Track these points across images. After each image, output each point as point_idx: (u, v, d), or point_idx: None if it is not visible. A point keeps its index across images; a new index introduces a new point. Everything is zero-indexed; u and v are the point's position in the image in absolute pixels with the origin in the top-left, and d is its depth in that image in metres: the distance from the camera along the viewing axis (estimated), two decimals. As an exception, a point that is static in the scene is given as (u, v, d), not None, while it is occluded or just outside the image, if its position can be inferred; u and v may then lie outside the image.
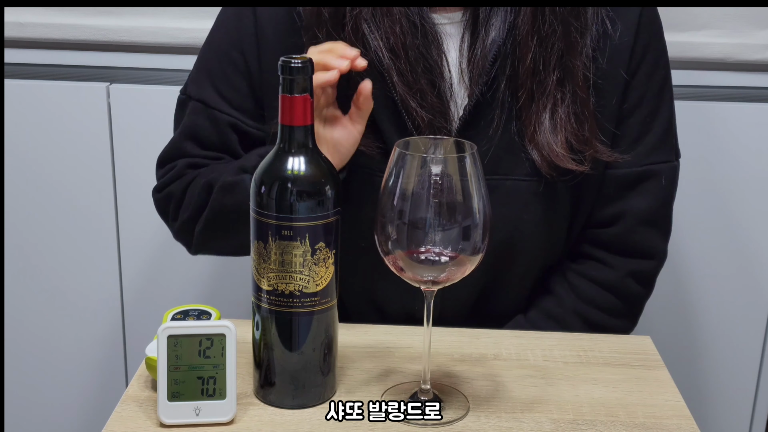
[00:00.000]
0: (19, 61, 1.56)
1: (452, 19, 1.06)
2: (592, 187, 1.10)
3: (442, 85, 1.04)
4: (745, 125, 1.52)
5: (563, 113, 1.03)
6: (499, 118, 1.05)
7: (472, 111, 1.04)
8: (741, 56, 1.50)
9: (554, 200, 1.08)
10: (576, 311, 1.12)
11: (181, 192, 1.11)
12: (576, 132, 1.04)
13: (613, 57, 1.06)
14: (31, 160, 1.56)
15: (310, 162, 0.85)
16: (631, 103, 1.09)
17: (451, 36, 1.06)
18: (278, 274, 0.85)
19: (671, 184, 1.13)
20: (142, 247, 1.61)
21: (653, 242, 1.13)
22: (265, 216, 0.84)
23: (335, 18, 1.03)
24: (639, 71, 1.08)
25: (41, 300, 1.64)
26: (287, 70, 0.83)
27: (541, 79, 1.03)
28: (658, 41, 1.10)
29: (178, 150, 1.14)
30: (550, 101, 1.03)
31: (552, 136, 1.03)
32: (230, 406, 0.86)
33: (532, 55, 1.02)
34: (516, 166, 1.06)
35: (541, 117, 1.03)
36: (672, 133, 1.13)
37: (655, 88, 1.10)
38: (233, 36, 1.10)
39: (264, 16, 1.08)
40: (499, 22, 1.03)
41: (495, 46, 1.03)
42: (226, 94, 1.11)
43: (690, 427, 0.89)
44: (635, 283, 1.13)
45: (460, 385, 0.95)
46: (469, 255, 0.83)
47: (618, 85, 1.07)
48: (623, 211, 1.11)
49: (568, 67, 1.03)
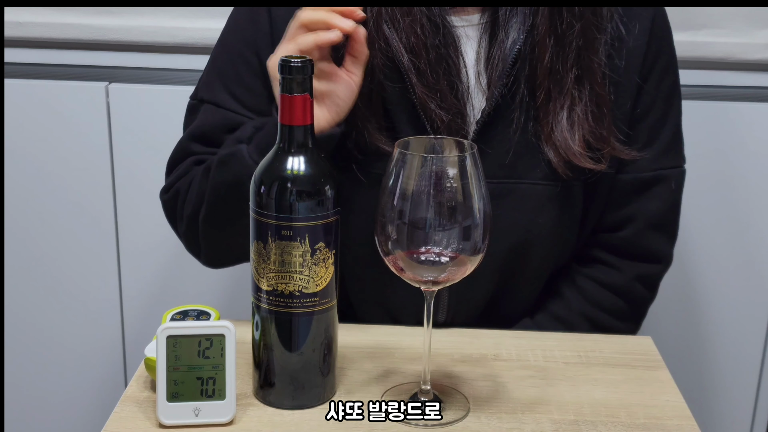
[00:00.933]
0: (19, 60, 1.56)
1: (470, 22, 1.05)
2: (604, 191, 1.10)
3: (460, 87, 1.03)
4: (746, 125, 1.52)
5: (581, 111, 1.03)
6: (518, 120, 1.04)
7: (491, 113, 1.04)
8: (742, 56, 1.50)
9: (567, 204, 1.08)
10: (583, 313, 1.12)
11: (187, 187, 1.09)
12: (593, 130, 1.04)
13: (627, 60, 1.06)
14: (30, 159, 1.56)
15: (309, 162, 0.84)
16: (642, 108, 1.09)
17: (469, 38, 1.05)
18: (278, 275, 0.85)
19: (679, 188, 1.13)
20: (142, 247, 1.60)
21: (661, 246, 1.14)
22: (264, 216, 0.84)
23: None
24: (651, 76, 1.09)
25: (41, 300, 1.64)
26: (287, 70, 0.82)
27: (558, 78, 1.02)
28: (668, 47, 1.11)
29: (186, 150, 1.12)
30: (567, 99, 1.03)
31: (569, 134, 1.03)
32: (230, 406, 0.86)
33: (550, 54, 1.02)
34: (531, 169, 1.06)
35: (558, 116, 1.03)
36: (680, 138, 1.14)
37: (665, 93, 1.10)
38: (248, 36, 1.09)
39: (279, 16, 1.07)
40: (518, 23, 1.03)
41: (515, 49, 1.02)
42: (240, 96, 1.09)
43: (691, 427, 0.89)
44: (641, 287, 1.14)
45: (460, 386, 0.94)
46: (470, 255, 0.82)
47: (631, 88, 1.08)
48: (633, 215, 1.11)
49: (586, 63, 1.03)
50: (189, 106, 1.14)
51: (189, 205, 1.08)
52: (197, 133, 1.11)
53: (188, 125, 1.14)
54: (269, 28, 1.08)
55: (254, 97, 1.09)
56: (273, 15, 1.08)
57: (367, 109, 1.03)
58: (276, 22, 1.07)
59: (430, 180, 0.80)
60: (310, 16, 0.96)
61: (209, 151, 1.09)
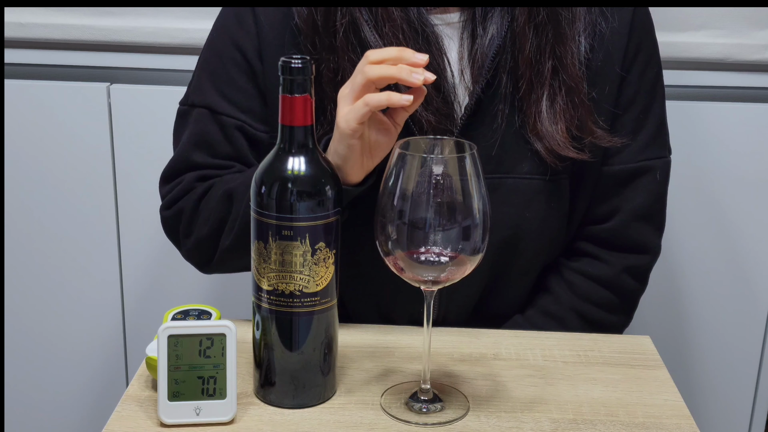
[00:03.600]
0: (19, 61, 1.56)
1: (449, 20, 1.06)
2: (590, 183, 1.11)
3: (445, 87, 1.04)
4: (743, 125, 1.52)
5: (561, 102, 1.04)
6: (503, 112, 1.05)
7: (474, 108, 1.05)
8: (739, 56, 1.51)
9: (555, 197, 1.09)
10: (573, 308, 1.13)
11: (193, 207, 1.08)
12: (573, 119, 1.05)
13: (608, 54, 1.07)
14: (31, 160, 1.56)
15: (310, 162, 0.85)
16: (625, 100, 1.10)
17: (450, 37, 1.06)
18: (278, 274, 0.85)
19: (665, 179, 1.14)
20: (143, 247, 1.61)
21: (648, 237, 1.14)
22: (265, 216, 0.84)
23: (327, 25, 1.02)
24: (632, 69, 1.10)
25: (42, 300, 1.64)
26: (287, 70, 0.83)
27: (539, 69, 1.04)
28: (649, 39, 1.12)
29: (186, 161, 1.10)
30: (547, 89, 1.04)
31: (552, 125, 1.04)
32: (230, 405, 0.86)
33: (530, 43, 1.03)
34: (518, 162, 1.07)
35: (540, 106, 1.04)
36: (664, 129, 1.15)
37: (648, 85, 1.11)
38: (235, 37, 1.09)
39: (263, 19, 1.07)
40: (497, 17, 1.04)
41: (495, 43, 1.03)
42: (232, 97, 1.09)
43: (689, 426, 0.90)
44: (630, 279, 1.14)
45: (460, 385, 0.95)
46: (469, 255, 0.83)
47: (613, 82, 1.08)
48: (618, 207, 1.12)
49: (559, 56, 1.04)
50: (179, 112, 1.13)
51: (205, 227, 1.07)
52: (198, 142, 1.10)
53: (180, 131, 1.13)
54: (255, 29, 1.08)
55: (247, 99, 1.09)
56: (258, 17, 1.08)
57: None
58: (261, 24, 1.07)
59: (430, 180, 0.80)
60: (379, 73, 0.90)
61: (213, 163, 1.09)
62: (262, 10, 1.08)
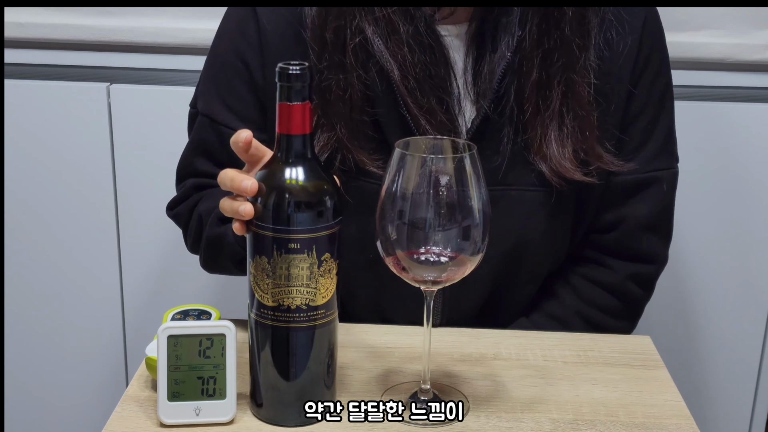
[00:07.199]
0: (19, 61, 1.56)
1: (457, 31, 1.05)
2: (596, 194, 1.10)
3: (450, 101, 1.03)
4: (745, 125, 1.52)
5: (569, 126, 1.03)
6: (508, 133, 1.04)
7: (480, 126, 1.04)
8: (740, 56, 1.51)
9: (559, 209, 1.08)
10: (577, 312, 1.13)
11: (187, 215, 1.13)
12: (582, 145, 1.04)
13: (617, 65, 1.06)
14: (31, 160, 1.56)
15: (310, 171, 0.82)
16: (633, 111, 1.09)
17: (457, 49, 1.05)
18: (284, 289, 0.82)
19: (672, 189, 1.13)
20: (143, 247, 1.61)
21: (654, 247, 1.14)
22: (269, 230, 0.81)
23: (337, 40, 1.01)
24: (642, 79, 1.09)
25: (41, 300, 1.64)
26: (285, 77, 0.80)
27: (546, 94, 1.02)
28: (660, 49, 1.11)
29: (188, 166, 1.14)
30: (556, 114, 1.03)
31: (559, 149, 1.03)
32: (230, 406, 0.86)
33: (538, 69, 1.01)
34: (522, 176, 1.06)
35: (547, 130, 1.03)
36: (672, 139, 1.14)
37: (657, 96, 1.10)
38: (237, 46, 1.08)
39: (267, 27, 1.06)
40: (507, 35, 1.02)
41: (503, 63, 1.02)
42: (233, 107, 1.09)
43: (689, 427, 0.90)
44: (635, 286, 1.14)
45: (460, 385, 0.95)
46: (469, 255, 0.83)
47: (622, 93, 1.08)
48: (624, 217, 1.12)
49: (569, 81, 1.03)
50: (189, 113, 1.15)
51: (189, 239, 1.13)
52: (199, 148, 1.12)
53: (189, 132, 1.15)
54: (258, 38, 1.07)
55: (248, 108, 1.09)
56: (261, 25, 1.06)
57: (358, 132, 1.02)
58: (264, 33, 1.06)
59: (430, 180, 0.80)
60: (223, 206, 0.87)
61: (210, 171, 1.10)
62: (266, 18, 1.06)
